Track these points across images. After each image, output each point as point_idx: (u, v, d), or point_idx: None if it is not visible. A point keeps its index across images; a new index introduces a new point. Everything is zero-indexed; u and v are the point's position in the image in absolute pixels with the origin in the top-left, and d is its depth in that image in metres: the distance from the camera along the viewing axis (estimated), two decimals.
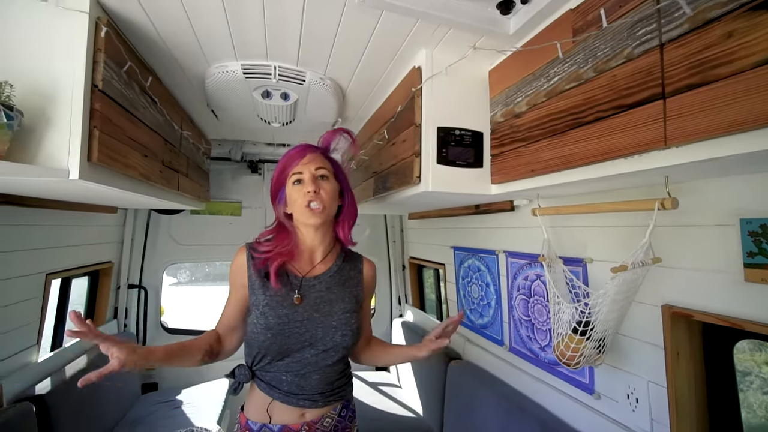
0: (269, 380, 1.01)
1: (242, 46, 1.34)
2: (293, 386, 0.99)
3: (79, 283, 2.17)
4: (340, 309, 1.03)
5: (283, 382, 0.99)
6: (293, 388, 0.99)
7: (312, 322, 0.99)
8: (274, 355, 0.98)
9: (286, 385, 0.99)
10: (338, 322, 1.01)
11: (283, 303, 0.99)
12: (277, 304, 0.98)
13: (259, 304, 0.98)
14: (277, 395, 0.99)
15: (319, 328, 1.00)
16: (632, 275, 0.93)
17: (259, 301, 0.99)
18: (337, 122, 2.06)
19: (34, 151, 0.97)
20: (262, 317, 0.97)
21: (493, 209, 1.70)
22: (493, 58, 1.31)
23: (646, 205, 0.91)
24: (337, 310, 1.02)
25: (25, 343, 1.59)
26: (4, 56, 0.96)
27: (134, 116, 1.26)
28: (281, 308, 0.98)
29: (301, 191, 1.02)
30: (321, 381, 1.01)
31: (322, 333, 0.99)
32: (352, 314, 1.04)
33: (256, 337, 0.98)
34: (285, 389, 0.99)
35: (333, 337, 1.00)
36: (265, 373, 1.01)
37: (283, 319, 0.97)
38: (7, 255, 1.46)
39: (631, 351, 1.14)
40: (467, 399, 1.78)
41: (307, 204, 1.01)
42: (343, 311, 1.03)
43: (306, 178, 1.02)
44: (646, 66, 0.77)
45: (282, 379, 1.00)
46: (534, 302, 1.55)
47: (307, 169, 1.03)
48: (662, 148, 0.74)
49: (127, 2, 1.07)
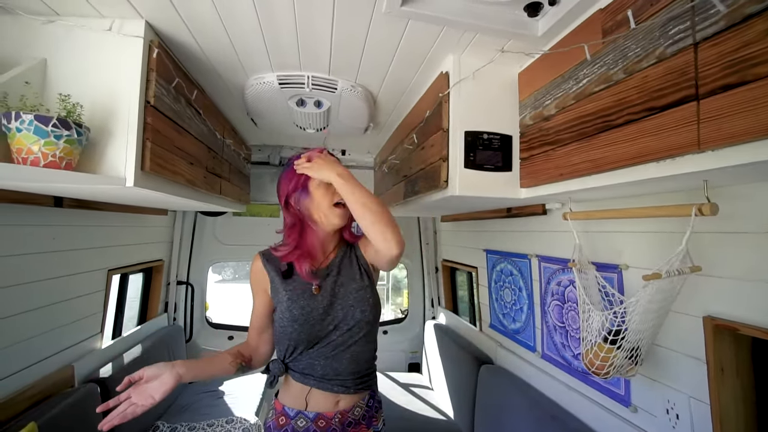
0: (302, 369, 1.05)
1: (277, 58, 1.42)
2: (327, 369, 1.04)
3: (134, 278, 2.38)
4: (354, 288, 1.07)
5: (317, 367, 1.04)
6: (328, 372, 1.04)
7: (332, 307, 1.04)
8: (304, 344, 1.03)
9: (321, 369, 1.04)
10: (354, 300, 1.06)
11: (303, 295, 1.04)
12: (298, 297, 1.03)
13: (283, 300, 1.04)
14: (312, 382, 1.04)
15: (339, 311, 1.04)
16: (668, 284, 0.88)
17: (281, 297, 1.05)
18: (369, 127, 2.11)
19: (97, 161, 1.09)
20: (287, 311, 1.02)
21: (525, 213, 1.67)
22: (522, 61, 1.29)
23: (682, 211, 0.86)
24: (351, 290, 1.07)
25: (91, 331, 1.77)
26: (75, 79, 1.10)
27: (181, 127, 1.38)
28: (302, 299, 1.03)
29: (328, 193, 1.05)
30: (351, 361, 1.05)
31: (342, 314, 1.04)
32: (366, 289, 1.08)
33: (284, 330, 1.04)
34: (319, 374, 1.04)
35: (353, 315, 1.04)
36: (298, 363, 1.06)
37: (306, 309, 1.02)
38: (77, 252, 1.64)
39: (670, 363, 1.08)
40: (498, 404, 1.75)
41: (336, 205, 1.06)
42: (356, 290, 1.07)
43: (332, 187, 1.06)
44: (679, 66, 0.73)
45: (315, 364, 1.04)
46: (568, 308, 1.50)
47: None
48: (696, 151, 0.71)
49: (176, 25, 1.18)
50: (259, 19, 1.15)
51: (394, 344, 3.11)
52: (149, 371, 0.91)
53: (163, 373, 0.91)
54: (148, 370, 0.91)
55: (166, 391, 0.90)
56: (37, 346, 1.43)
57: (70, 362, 1.60)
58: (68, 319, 1.61)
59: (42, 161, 0.93)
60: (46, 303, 1.47)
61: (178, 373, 0.92)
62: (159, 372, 0.92)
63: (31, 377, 1.39)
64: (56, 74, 1.10)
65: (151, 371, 0.92)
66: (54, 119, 0.92)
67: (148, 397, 0.88)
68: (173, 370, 0.92)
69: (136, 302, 2.49)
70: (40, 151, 0.92)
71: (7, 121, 0.91)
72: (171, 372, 0.92)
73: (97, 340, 1.82)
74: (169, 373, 0.91)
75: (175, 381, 0.91)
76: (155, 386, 0.90)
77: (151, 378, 0.91)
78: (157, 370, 0.92)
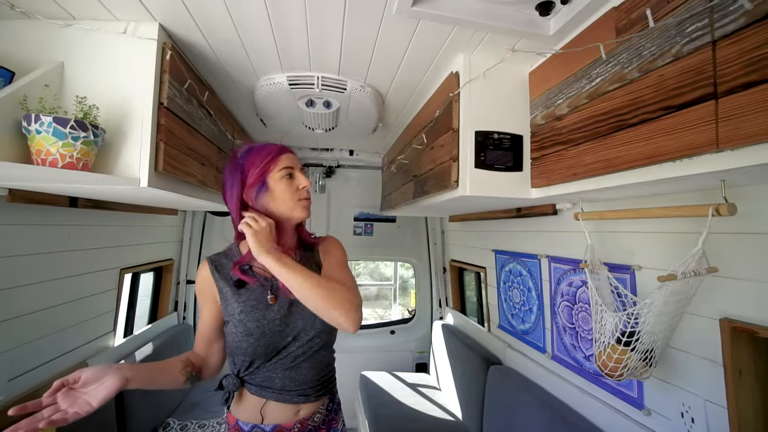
0: (260, 382, 0.97)
1: (287, 59, 1.43)
2: (287, 381, 0.97)
3: (145, 277, 2.41)
4: None
5: (275, 379, 0.97)
6: (287, 384, 0.97)
7: (291, 316, 0.96)
8: (262, 358, 0.95)
9: (279, 382, 0.97)
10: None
11: (258, 306, 0.95)
12: (252, 309, 0.94)
13: (235, 313, 0.94)
14: (270, 395, 0.97)
15: (299, 320, 0.97)
16: (683, 285, 0.87)
17: (233, 310, 0.95)
18: (378, 127, 2.12)
19: (112, 162, 1.11)
20: (240, 325, 0.93)
21: (535, 212, 1.66)
22: (533, 60, 1.28)
23: (698, 211, 0.85)
24: None
25: (105, 329, 1.80)
26: (91, 82, 1.12)
27: (193, 128, 1.39)
28: (257, 311, 0.94)
29: (293, 186, 0.98)
30: (311, 369, 0.99)
31: (302, 324, 0.97)
32: None
33: (238, 345, 0.94)
34: (278, 387, 0.97)
35: (314, 325, 0.97)
36: (254, 377, 0.97)
37: (262, 321, 0.93)
38: (91, 252, 1.66)
39: (685, 366, 1.07)
40: (507, 405, 1.74)
41: (301, 198, 0.99)
42: None
43: (297, 172, 1.00)
44: (696, 64, 0.72)
45: (274, 377, 0.97)
46: (578, 309, 1.49)
47: (296, 164, 1.00)
48: (714, 151, 0.70)
49: (189, 28, 1.19)
50: (270, 20, 1.16)
51: (402, 344, 3.11)
52: (88, 374, 0.77)
53: (106, 376, 0.77)
54: (86, 373, 0.77)
55: (106, 397, 0.75)
56: (53, 343, 1.46)
57: (85, 359, 1.63)
58: (82, 317, 1.63)
59: (60, 162, 0.94)
60: (61, 301, 1.49)
61: (124, 377, 0.79)
62: (100, 375, 0.77)
63: (48, 373, 1.41)
64: (73, 76, 1.12)
65: (90, 374, 0.77)
66: (71, 121, 0.94)
67: (84, 403, 0.74)
68: (119, 373, 0.78)
69: (146, 301, 2.53)
70: (58, 152, 0.94)
71: (27, 123, 0.93)
72: (116, 375, 0.78)
73: (110, 338, 1.85)
74: (113, 376, 0.78)
75: (120, 385, 0.77)
76: (95, 392, 0.76)
77: (90, 381, 0.76)
78: (98, 372, 0.78)
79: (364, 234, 3.16)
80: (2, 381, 1.22)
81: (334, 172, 3.06)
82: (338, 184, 3.11)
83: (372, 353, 3.03)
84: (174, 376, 0.92)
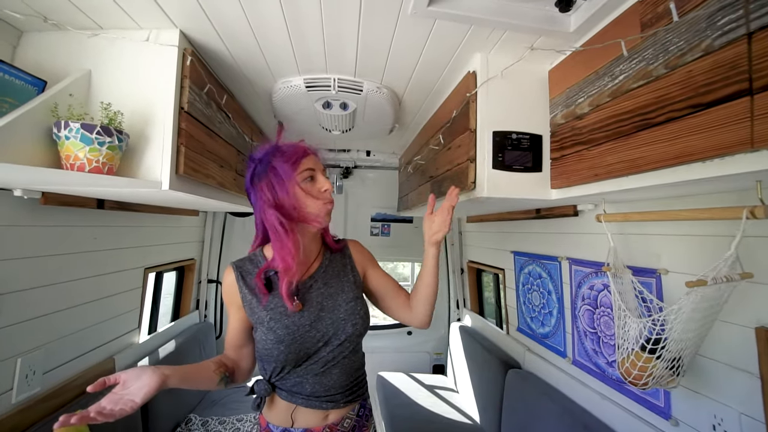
0: (290, 387, 0.97)
1: (304, 62, 1.44)
2: (317, 386, 0.97)
3: (168, 277, 2.49)
4: (344, 300, 1.00)
5: (306, 384, 0.97)
6: (317, 389, 0.97)
7: (321, 322, 0.96)
8: (292, 363, 0.95)
9: (309, 387, 0.97)
10: (345, 314, 0.98)
11: (287, 312, 0.94)
12: (281, 316, 0.93)
13: (264, 321, 0.94)
14: (300, 400, 0.97)
15: (329, 325, 0.96)
16: (714, 291, 0.83)
17: (262, 318, 0.94)
18: (394, 128, 2.11)
19: (136, 166, 1.15)
20: (270, 332, 0.93)
21: (555, 214, 1.61)
22: (552, 57, 1.25)
23: (731, 213, 0.80)
24: (341, 302, 0.99)
25: (130, 326, 1.87)
26: (116, 88, 1.16)
27: (212, 131, 1.42)
28: (286, 318, 0.93)
29: (315, 188, 0.95)
30: (341, 374, 0.99)
31: (333, 329, 0.96)
32: (356, 302, 1.01)
33: (269, 352, 0.94)
34: (308, 392, 0.97)
35: (345, 329, 0.97)
36: (285, 382, 0.98)
37: (291, 328, 0.93)
38: (116, 251, 1.73)
39: (717, 376, 1.01)
40: (527, 410, 1.70)
41: (327, 202, 0.96)
42: (346, 301, 1.00)
43: (319, 174, 0.97)
44: (729, 59, 0.69)
45: (304, 382, 0.97)
46: (600, 314, 1.44)
47: (318, 166, 0.98)
48: (749, 150, 0.66)
49: (208, 33, 1.22)
50: (287, 24, 1.17)
51: (419, 345, 3.10)
52: (127, 374, 0.79)
53: (145, 374, 0.79)
54: (125, 374, 0.79)
55: (148, 393, 0.77)
56: (82, 339, 1.52)
57: (111, 355, 1.69)
58: (109, 314, 1.69)
59: (87, 167, 0.98)
60: (90, 299, 1.55)
61: (163, 374, 0.80)
62: (139, 374, 0.79)
63: (78, 368, 1.47)
64: (99, 84, 1.16)
65: (129, 374, 0.79)
66: (98, 127, 0.98)
67: (127, 401, 0.75)
68: (157, 371, 0.80)
69: (169, 299, 2.60)
70: (85, 157, 0.97)
71: (57, 130, 0.97)
72: (155, 373, 0.80)
73: (135, 335, 1.91)
74: (152, 374, 0.79)
75: (159, 382, 0.79)
76: (135, 390, 0.77)
77: (130, 381, 0.78)
78: (137, 372, 0.80)
79: (381, 234, 3.16)
80: (39, 374, 1.28)
81: (351, 173, 3.08)
82: (355, 184, 3.12)
83: (389, 354, 3.03)
84: (209, 376, 0.93)
